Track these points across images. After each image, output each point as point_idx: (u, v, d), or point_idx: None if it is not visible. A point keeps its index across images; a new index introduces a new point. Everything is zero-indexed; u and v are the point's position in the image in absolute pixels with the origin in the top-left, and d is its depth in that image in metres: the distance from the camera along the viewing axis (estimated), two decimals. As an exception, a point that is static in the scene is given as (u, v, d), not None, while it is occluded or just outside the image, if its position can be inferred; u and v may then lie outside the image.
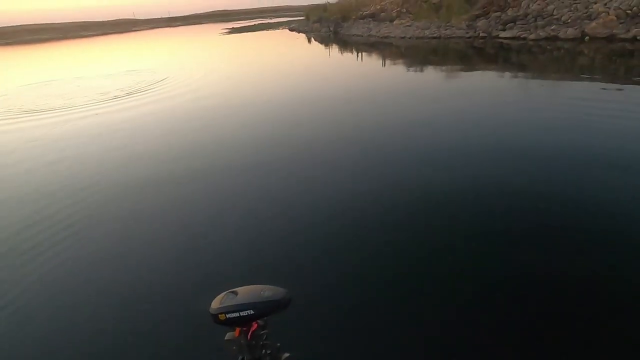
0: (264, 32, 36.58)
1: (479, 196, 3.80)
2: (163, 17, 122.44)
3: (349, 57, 16.49)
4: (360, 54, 16.24)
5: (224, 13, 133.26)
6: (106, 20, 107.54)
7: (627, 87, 7.42)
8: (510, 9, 15.08)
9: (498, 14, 15.30)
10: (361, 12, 23.67)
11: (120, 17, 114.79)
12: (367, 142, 5.68)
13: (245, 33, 37.28)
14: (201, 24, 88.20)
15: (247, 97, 9.62)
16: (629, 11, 11.86)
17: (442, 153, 4.97)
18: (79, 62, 24.48)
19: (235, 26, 51.22)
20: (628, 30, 11.39)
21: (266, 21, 59.27)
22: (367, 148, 5.45)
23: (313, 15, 31.03)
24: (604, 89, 7.49)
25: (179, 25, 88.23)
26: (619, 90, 7.29)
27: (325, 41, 22.44)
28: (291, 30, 32.98)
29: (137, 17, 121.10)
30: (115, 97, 10.32)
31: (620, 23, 11.78)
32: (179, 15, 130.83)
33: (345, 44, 20.07)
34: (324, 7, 30.23)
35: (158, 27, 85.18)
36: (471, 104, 7.19)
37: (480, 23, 15.48)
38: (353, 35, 21.92)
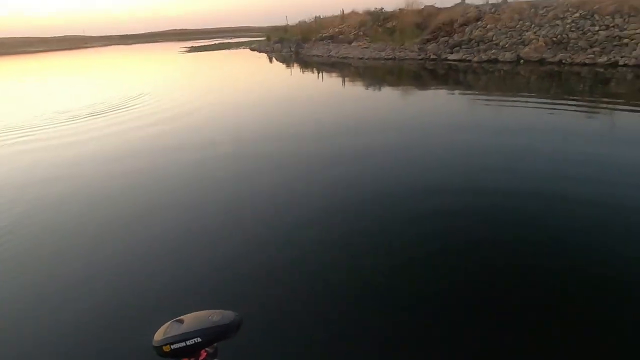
0: (225, 51, 36.66)
1: (436, 202, 4.16)
2: (116, 34, 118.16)
3: (311, 76, 17.05)
4: (321, 73, 16.86)
5: (182, 32, 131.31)
6: (53, 36, 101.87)
7: (557, 103, 8.45)
8: (456, 34, 16.55)
9: (446, 38, 16.70)
10: (321, 34, 24.65)
11: (69, 34, 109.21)
12: (329, 157, 5.95)
13: (206, 52, 37.12)
14: (157, 42, 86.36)
15: (218, 115, 9.63)
16: (554, 39, 13.53)
17: (400, 162, 5.36)
18: (23, 78, 22.97)
19: (194, 45, 50.80)
20: (555, 55, 12.99)
21: (226, 41, 59.40)
22: (329, 163, 5.72)
23: (274, 36, 31.73)
24: (539, 105, 8.45)
25: (133, 43, 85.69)
26: (552, 105, 8.29)
27: (287, 61, 23.00)
28: (252, 50, 33.38)
29: (90, 33, 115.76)
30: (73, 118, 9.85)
31: (548, 49, 13.40)
32: (134, 33, 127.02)
33: (306, 64, 20.72)
34: (284, 29, 31.07)
35: (111, 45, 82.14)
36: (426, 118, 7.80)
37: (431, 46, 16.79)
38: (314, 55, 22.70)
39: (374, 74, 15.82)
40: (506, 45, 14.57)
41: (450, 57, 15.58)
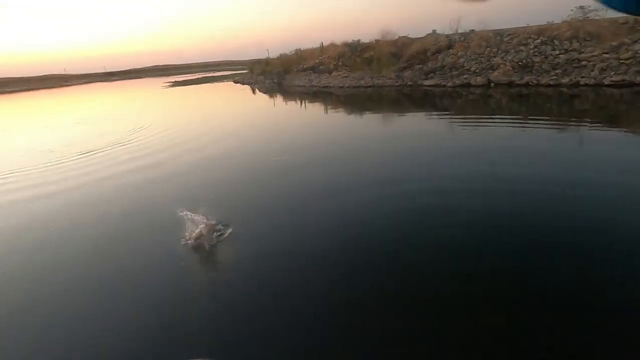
0: (209, 84, 37.38)
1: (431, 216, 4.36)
2: (99, 72, 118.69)
3: (294, 105, 17.56)
4: (304, 102, 17.40)
5: (165, 67, 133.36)
6: (33, 75, 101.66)
7: (528, 121, 9.00)
8: (430, 62, 17.51)
9: (420, 65, 17.64)
10: (302, 65, 25.58)
11: (50, 73, 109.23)
12: (317, 178, 6.15)
13: (190, 86, 37.75)
14: (140, 78, 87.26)
15: (211, 143, 9.79)
16: (520, 63, 14.51)
17: (385, 180, 5.60)
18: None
19: (178, 79, 51.59)
20: (522, 78, 13.89)
21: (209, 74, 60.58)
22: (316, 183, 5.91)
23: (256, 68, 32.72)
24: (511, 124, 8.98)
25: (116, 80, 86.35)
26: (522, 124, 8.82)
27: (270, 92, 23.65)
28: (236, 82, 34.18)
29: (70, 72, 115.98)
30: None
31: (515, 72, 14.32)
32: (116, 70, 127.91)
33: (289, 94, 21.36)
34: (266, 61, 32.11)
35: (93, 82, 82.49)
36: (408, 140, 8.16)
37: (407, 73, 17.67)
38: (296, 85, 23.46)
39: (355, 101, 16.44)
40: (477, 70, 15.49)
41: (426, 83, 16.40)
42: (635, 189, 4.59)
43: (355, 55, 22.02)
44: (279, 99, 20.34)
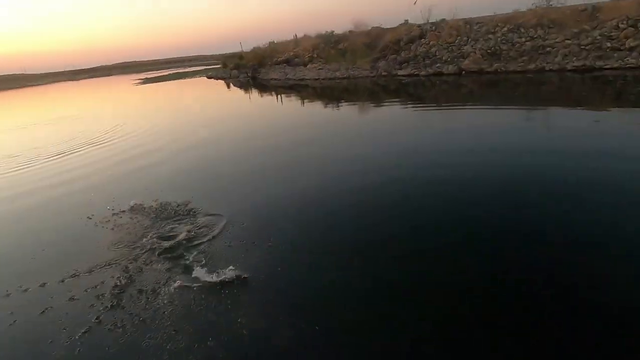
0: (182, 80, 36.41)
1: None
2: (65, 70, 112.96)
3: (270, 99, 17.41)
4: (280, 95, 17.28)
5: (135, 64, 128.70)
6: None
7: (499, 106, 9.32)
8: (403, 52, 17.73)
9: (394, 56, 17.83)
10: (276, 59, 25.31)
11: (7, 73, 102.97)
12: (298, 168, 6.19)
13: (161, 82, 36.65)
14: (109, 75, 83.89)
15: (190, 139, 9.60)
16: (489, 51, 14.93)
17: (358, 167, 5.71)
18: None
19: (148, 76, 49.95)
20: (491, 65, 14.31)
21: (181, 70, 58.96)
22: (300, 174, 5.95)
23: (230, 62, 32.10)
24: (484, 109, 9.27)
25: (84, 78, 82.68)
26: (493, 110, 9.14)
27: (245, 86, 23.31)
28: (209, 77, 33.45)
29: (31, 71, 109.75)
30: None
31: (485, 60, 14.73)
32: (83, 67, 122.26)
33: (264, 88, 21.13)
34: (239, 55, 31.54)
35: (59, 82, 78.60)
36: (385, 130, 8.30)
37: (381, 64, 17.83)
38: (271, 79, 23.21)
39: (331, 92, 16.47)
40: (448, 59, 15.83)
41: (400, 72, 16.62)
42: (601, 160, 4.88)
43: (329, 46, 21.99)
44: (254, 93, 20.10)
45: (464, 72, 14.78)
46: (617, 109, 8.08)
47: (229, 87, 24.58)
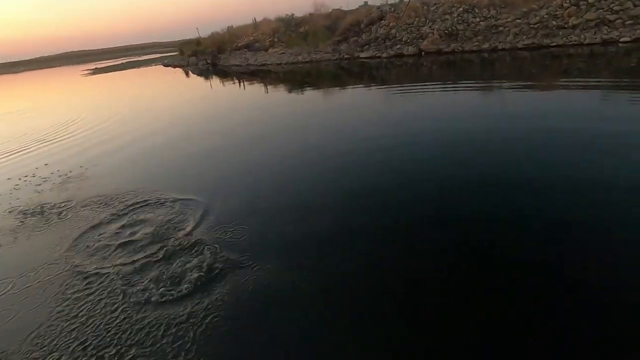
0: (136, 69, 34.39)
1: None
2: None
3: (232, 86, 16.93)
4: (242, 82, 16.83)
5: (83, 53, 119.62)
6: None
7: (458, 86, 9.66)
8: (364, 34, 17.78)
9: (355, 38, 17.85)
10: (236, 44, 24.53)
11: None
12: (263, 156, 6.14)
13: (114, 72, 34.42)
14: (53, 67, 77.46)
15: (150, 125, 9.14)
16: (446, 31, 15.32)
17: (328, 154, 5.76)
18: None
19: (98, 66, 46.72)
20: (449, 45, 14.72)
21: (134, 59, 55.62)
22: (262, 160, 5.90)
23: (187, 49, 30.70)
24: (443, 88, 9.58)
25: (23, 71, 75.81)
26: (454, 89, 9.47)
27: (205, 73, 22.46)
28: (166, 65, 31.86)
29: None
30: None
31: (443, 40, 15.12)
32: (23, 59, 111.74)
33: (225, 74, 20.47)
34: (197, 41, 30.23)
35: (-6, 75, 71.54)
36: (350, 113, 8.37)
37: (343, 47, 17.80)
38: (232, 65, 22.50)
39: (294, 77, 16.27)
40: (408, 40, 16.09)
41: (362, 55, 16.70)
42: (552, 131, 5.24)
43: (290, 30, 21.60)
44: (215, 80, 19.42)
45: (423, 52, 15.11)
46: (563, 83, 8.65)
47: (187, 75, 23.57)
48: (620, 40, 11.63)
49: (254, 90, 14.45)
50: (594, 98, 7.18)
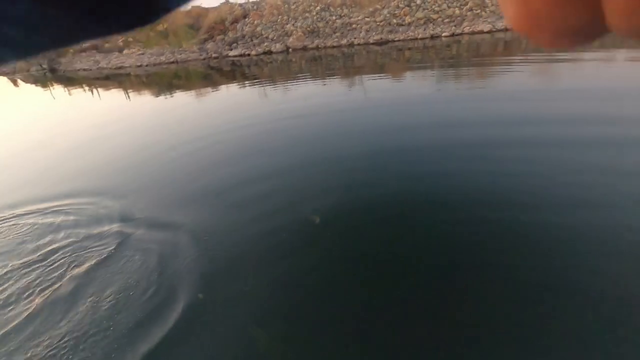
0: None
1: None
2: None
3: (82, 95, 14.55)
4: (94, 89, 14.62)
5: None
6: None
7: (327, 80, 10.43)
8: (230, 32, 17.48)
9: (222, 36, 17.40)
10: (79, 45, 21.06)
11: None
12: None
13: None
14: None
15: None
16: (308, 29, 16.27)
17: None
18: None
19: None
20: (312, 42, 15.70)
21: None
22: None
23: (10, 53, 24.83)
24: (313, 81, 10.21)
25: None
26: (324, 83, 10.18)
27: (42, 81, 18.65)
28: (-20, 74, 25.16)
29: None
30: None
31: (307, 37, 16.03)
32: None
33: (71, 81, 17.41)
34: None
35: None
36: (225, 115, 8.19)
37: (210, 45, 17.15)
38: (78, 70, 19.28)
39: (160, 80, 14.97)
40: (274, 38, 16.52)
41: (231, 53, 16.42)
42: (419, 112, 6.16)
43: (147, 29, 19.65)
44: (58, 89, 16.33)
45: (290, 49, 15.75)
46: (408, 70, 10.26)
47: (16, 84, 19.19)
48: (442, 34, 14.35)
49: (113, 98, 12.74)
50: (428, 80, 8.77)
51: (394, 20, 15.42)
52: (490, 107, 6.02)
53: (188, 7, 8.05)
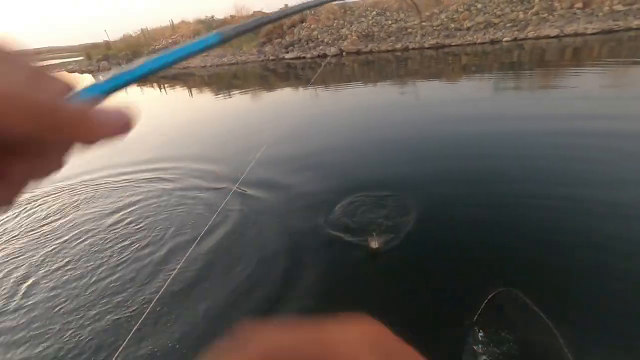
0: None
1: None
2: None
3: (151, 91, 16.04)
4: (163, 87, 16.04)
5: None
6: None
7: (379, 84, 10.56)
8: (287, 35, 18.21)
9: (279, 40, 18.18)
10: (153, 47, 23.15)
11: None
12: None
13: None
14: None
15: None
16: (363, 33, 16.46)
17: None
18: None
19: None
20: (367, 45, 15.85)
21: (28, 66, 48.54)
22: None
23: (95, 53, 28.04)
24: (368, 86, 10.39)
25: None
26: (374, 86, 10.32)
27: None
28: (71, 71, 28.60)
29: None
30: None
31: (361, 41, 16.22)
32: None
33: (144, 80, 19.16)
34: (106, 45, 27.78)
35: None
36: (280, 114, 8.66)
37: (267, 48, 18.01)
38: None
39: (220, 80, 16.02)
40: (330, 41, 16.92)
41: (287, 56, 17.10)
42: (461, 117, 6.13)
43: (211, 32, 21.10)
44: (131, 86, 18.10)
45: (344, 52, 16.03)
46: (464, 77, 10.03)
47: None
48: (504, 39, 13.76)
49: (176, 95, 13.92)
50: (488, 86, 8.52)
51: (452, 25, 15.08)
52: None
53: (250, 12, 8.73)
